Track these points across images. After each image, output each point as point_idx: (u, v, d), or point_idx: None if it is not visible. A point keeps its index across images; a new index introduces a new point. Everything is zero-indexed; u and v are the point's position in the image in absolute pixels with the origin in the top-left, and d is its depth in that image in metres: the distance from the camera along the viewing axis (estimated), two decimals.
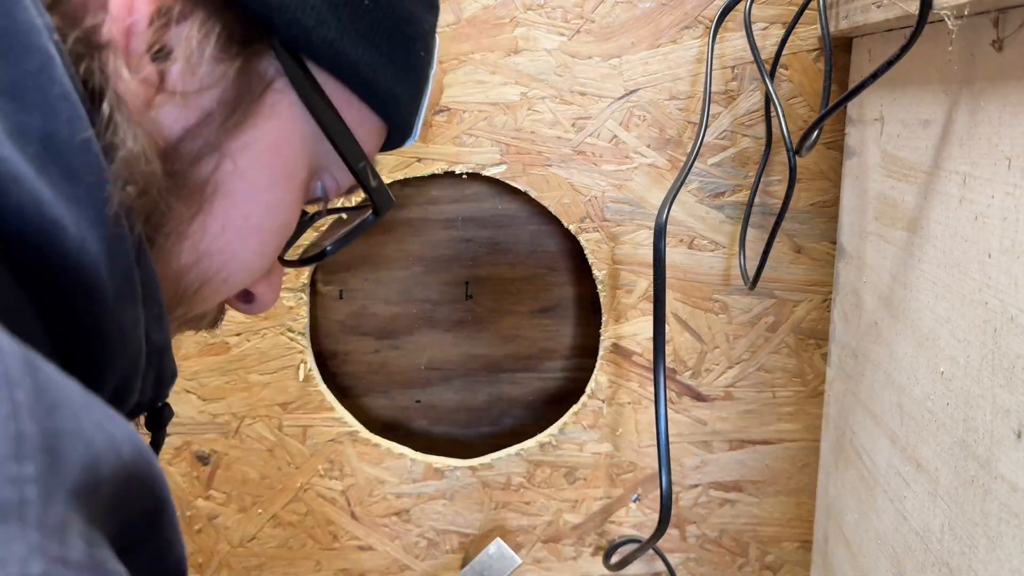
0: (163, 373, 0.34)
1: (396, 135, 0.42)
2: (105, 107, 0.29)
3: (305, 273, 0.72)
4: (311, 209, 0.42)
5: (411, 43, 0.39)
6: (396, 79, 0.39)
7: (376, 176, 0.39)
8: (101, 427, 0.21)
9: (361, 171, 0.38)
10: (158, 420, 0.38)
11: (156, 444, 0.39)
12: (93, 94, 0.29)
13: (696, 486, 0.76)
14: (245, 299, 0.41)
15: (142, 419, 0.37)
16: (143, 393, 0.33)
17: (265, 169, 0.35)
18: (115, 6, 0.30)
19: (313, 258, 0.43)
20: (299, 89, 0.35)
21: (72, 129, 0.26)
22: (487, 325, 0.79)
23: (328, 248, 0.42)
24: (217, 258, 0.35)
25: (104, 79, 0.29)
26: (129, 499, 0.22)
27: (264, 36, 0.33)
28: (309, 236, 0.69)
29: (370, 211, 0.41)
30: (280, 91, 0.34)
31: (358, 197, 0.44)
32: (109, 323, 0.28)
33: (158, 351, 0.32)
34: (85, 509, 0.19)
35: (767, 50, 0.68)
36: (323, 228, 0.69)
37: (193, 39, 0.31)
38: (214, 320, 0.41)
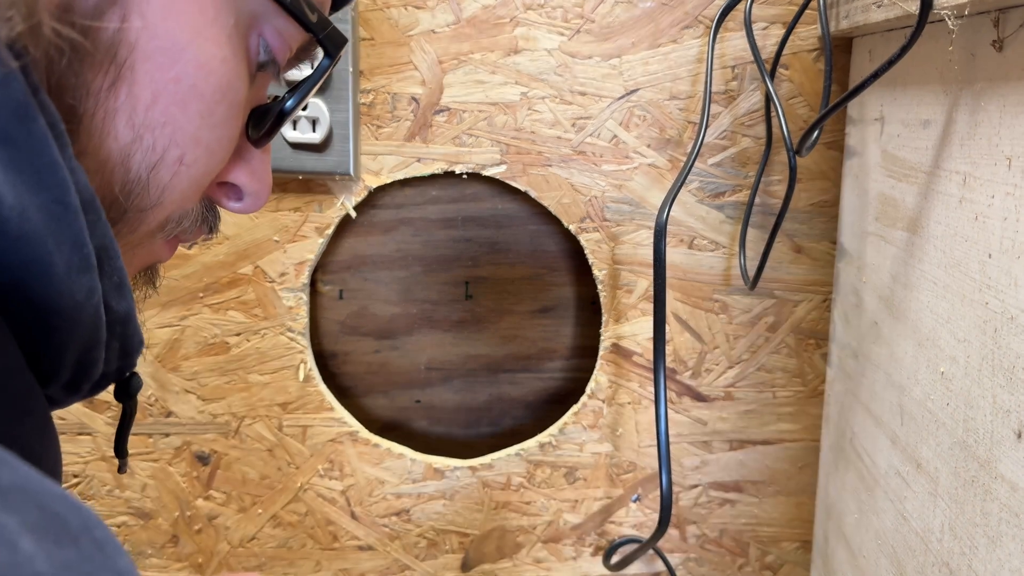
0: (127, 342, 0.32)
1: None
2: None
3: (305, 273, 0.72)
4: (265, 81, 0.38)
5: None
6: None
7: (315, 9, 0.34)
8: (40, 484, 0.20)
9: (293, 4, 0.33)
10: (127, 390, 0.37)
11: (127, 415, 0.38)
12: None
13: (696, 486, 0.76)
14: (234, 196, 0.38)
15: (111, 389, 0.36)
16: (108, 363, 0.32)
17: (180, 21, 0.31)
18: None
19: (276, 121, 0.37)
20: None
21: (4, 92, 0.25)
22: (487, 325, 0.79)
23: (288, 104, 0.36)
24: (159, 131, 0.31)
25: None
26: None
27: None
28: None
29: (326, 58, 0.36)
30: None
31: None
32: (61, 295, 0.27)
33: (121, 320, 0.31)
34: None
35: (767, 50, 0.68)
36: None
37: None
38: (203, 220, 0.37)
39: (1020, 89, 0.41)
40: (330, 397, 0.75)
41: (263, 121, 0.37)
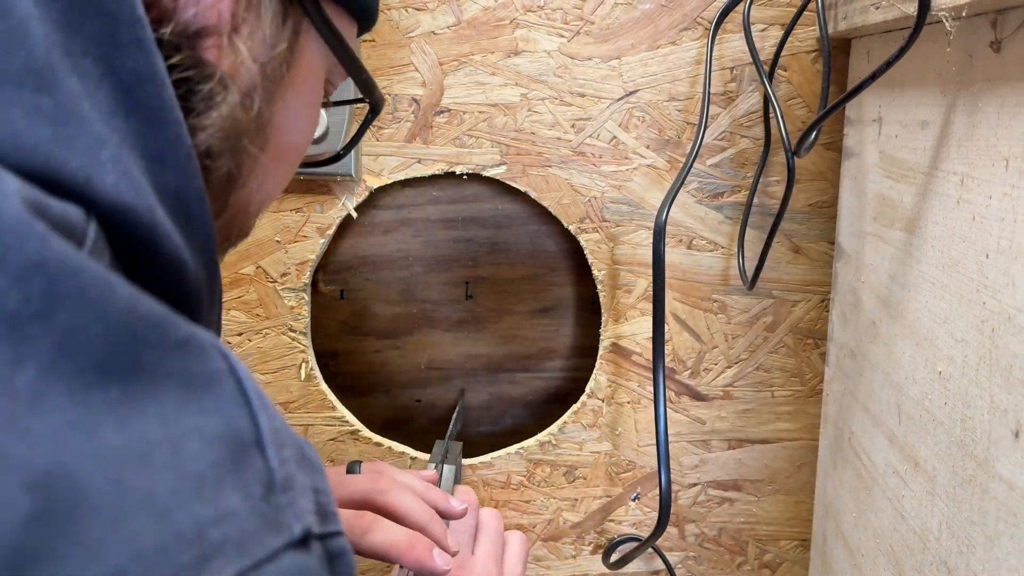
0: None
1: (364, 30, 0.48)
2: (213, 90, 0.34)
3: (306, 273, 0.72)
4: None
5: None
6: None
7: (372, 82, 0.46)
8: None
9: (364, 83, 0.45)
10: None
11: None
12: (193, 81, 0.34)
13: (695, 485, 0.76)
14: None
15: None
16: None
17: (304, 99, 0.41)
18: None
19: (330, 160, 0.52)
20: (320, 30, 0.40)
21: (194, 183, 0.32)
22: (487, 325, 0.79)
23: (341, 151, 0.51)
24: (270, 183, 0.41)
25: (201, 65, 0.34)
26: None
27: None
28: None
29: (371, 113, 0.49)
30: (306, 32, 0.40)
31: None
32: (206, 327, 0.34)
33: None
34: (305, 473, 0.28)
35: (766, 51, 0.68)
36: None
37: (260, 11, 0.37)
38: None
39: (1018, 90, 0.41)
40: (331, 396, 0.75)
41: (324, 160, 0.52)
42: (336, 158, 0.52)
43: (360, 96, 0.47)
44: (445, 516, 0.61)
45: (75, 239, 0.25)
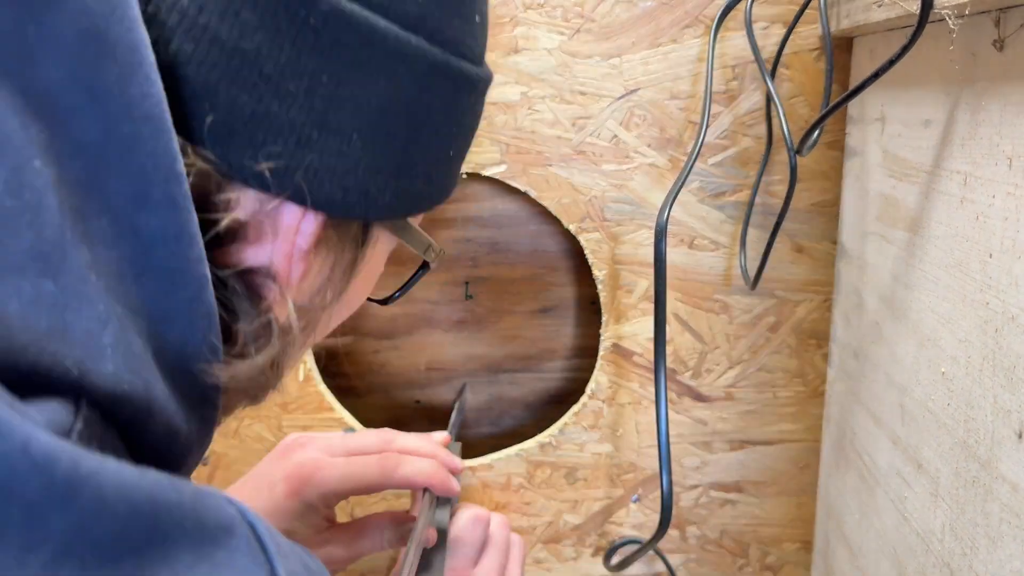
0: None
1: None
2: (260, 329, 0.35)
3: None
4: None
5: (465, 152, 0.46)
6: (452, 182, 0.45)
7: (432, 245, 0.46)
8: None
9: (427, 251, 0.46)
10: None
11: None
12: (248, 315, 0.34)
13: (696, 487, 0.76)
14: None
15: None
16: None
17: (364, 288, 0.43)
18: (275, 257, 0.34)
19: (385, 301, 0.53)
20: (395, 232, 0.41)
21: (204, 339, 0.31)
22: (487, 325, 0.78)
23: (396, 294, 0.54)
24: (303, 350, 0.41)
25: (262, 306, 0.35)
26: None
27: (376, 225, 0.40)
28: None
29: (425, 265, 0.50)
30: (378, 233, 0.40)
31: None
32: (183, 472, 0.33)
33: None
34: None
35: (768, 49, 0.68)
36: None
37: (328, 260, 0.37)
38: None
39: (1021, 89, 0.41)
40: (330, 397, 0.75)
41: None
42: (387, 301, 0.53)
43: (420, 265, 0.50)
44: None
45: (61, 431, 0.24)
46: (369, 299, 0.50)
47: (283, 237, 0.34)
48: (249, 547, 0.25)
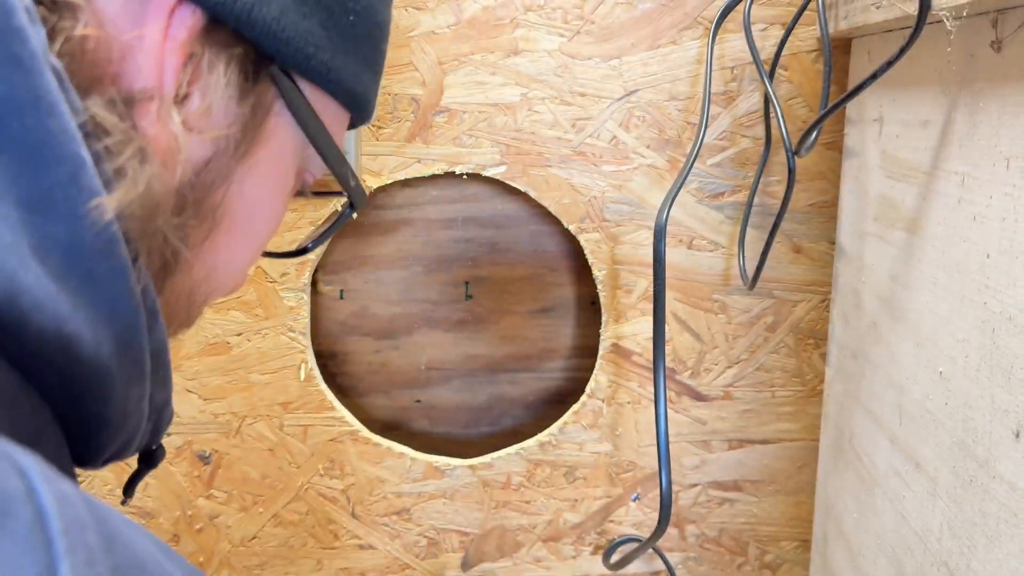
0: (160, 423, 0.36)
1: (359, 121, 0.44)
2: (128, 160, 0.30)
3: (306, 273, 0.72)
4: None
5: (382, 44, 0.42)
6: (371, 80, 0.42)
7: (355, 176, 0.42)
8: (148, 552, 0.23)
9: (343, 174, 0.41)
10: (150, 458, 0.40)
11: (141, 470, 0.40)
12: (116, 149, 0.30)
13: (695, 485, 0.76)
14: None
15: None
16: (140, 442, 0.35)
17: (266, 186, 0.38)
18: (145, 62, 0.31)
19: (294, 253, 0.47)
20: (296, 111, 0.37)
21: (94, 231, 0.27)
22: (487, 325, 0.79)
23: (309, 245, 0.46)
24: (223, 269, 0.38)
25: (131, 132, 0.30)
26: None
27: (267, 67, 0.36)
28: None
29: (348, 208, 0.44)
30: (278, 114, 0.37)
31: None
32: (116, 408, 0.30)
33: (158, 407, 0.34)
34: None
35: (766, 51, 0.68)
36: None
37: (211, 82, 0.33)
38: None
39: (1019, 90, 0.41)
40: (331, 396, 0.75)
41: (286, 252, 0.47)
42: (302, 251, 0.47)
43: (340, 191, 0.43)
44: None
45: None
46: (281, 254, 0.47)
47: (153, 16, 0.31)
48: (28, 533, 0.19)
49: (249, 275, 0.45)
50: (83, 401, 0.29)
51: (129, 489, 0.41)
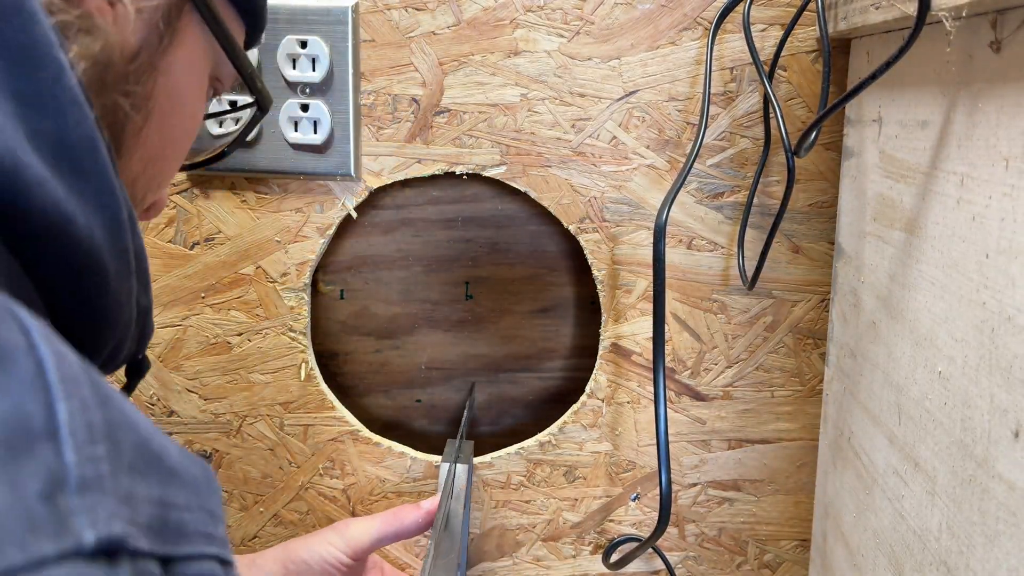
0: (146, 330, 0.38)
1: (252, 41, 0.49)
2: (77, 34, 0.32)
3: (306, 273, 0.72)
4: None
5: None
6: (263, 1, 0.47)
7: (259, 78, 0.47)
8: (142, 418, 0.25)
9: (250, 77, 0.46)
10: (137, 369, 0.42)
11: (128, 389, 0.43)
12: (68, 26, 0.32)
13: (695, 485, 0.76)
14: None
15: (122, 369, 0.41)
16: (128, 350, 0.37)
17: (187, 84, 0.41)
18: None
19: (213, 159, 0.51)
20: (203, 15, 0.41)
21: (80, 130, 0.29)
22: (487, 325, 0.79)
23: (226, 150, 0.51)
24: (158, 163, 0.40)
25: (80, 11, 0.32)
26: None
27: None
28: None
29: (256, 110, 0.49)
30: (188, 14, 0.40)
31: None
32: (110, 299, 0.32)
33: (144, 312, 0.37)
34: (141, 480, 0.24)
35: (766, 51, 0.68)
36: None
37: None
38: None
39: (1018, 90, 0.41)
40: (331, 396, 0.75)
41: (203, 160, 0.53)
42: (220, 156, 0.52)
43: (250, 101, 0.48)
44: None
45: None
46: (200, 162, 0.51)
47: None
48: (28, 377, 0.21)
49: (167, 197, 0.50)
50: (82, 291, 0.30)
51: None
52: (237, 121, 0.67)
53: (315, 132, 0.68)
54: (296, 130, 0.68)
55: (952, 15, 0.44)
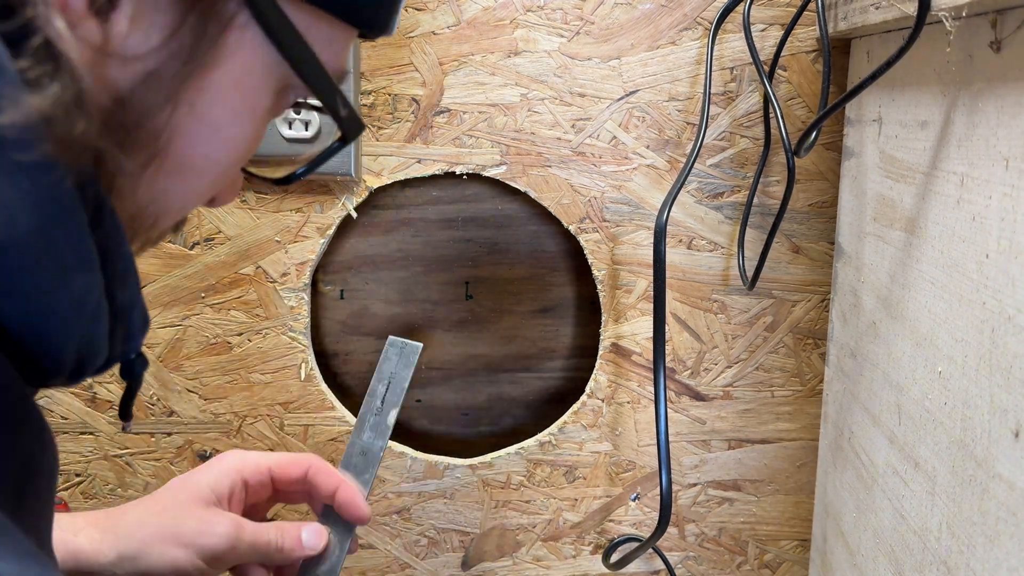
0: (131, 328, 0.34)
1: (373, 34, 0.38)
2: (35, 67, 0.27)
3: (306, 273, 0.72)
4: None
5: None
6: None
7: (347, 105, 0.36)
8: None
9: (331, 103, 0.35)
10: (131, 370, 0.38)
11: (131, 390, 0.40)
12: (35, 55, 0.27)
13: (695, 485, 0.76)
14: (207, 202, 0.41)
15: (116, 369, 0.38)
16: (112, 349, 0.33)
17: (226, 107, 0.33)
18: None
19: (284, 180, 0.42)
20: (264, 23, 0.31)
21: (18, 131, 0.26)
22: (487, 325, 0.79)
23: (299, 171, 0.41)
24: (173, 194, 0.35)
25: (43, 39, 0.28)
26: None
27: None
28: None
29: (340, 141, 0.39)
30: (242, 27, 0.32)
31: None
32: (55, 294, 0.29)
33: (125, 308, 0.33)
34: None
35: (766, 51, 0.68)
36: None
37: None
38: (176, 227, 0.40)
39: (1018, 90, 0.41)
40: (331, 396, 0.75)
41: (276, 179, 0.42)
42: (288, 180, 0.42)
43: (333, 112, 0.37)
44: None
45: None
46: (268, 179, 0.42)
47: None
48: None
49: (239, 192, 0.42)
50: (6, 281, 0.28)
51: (125, 412, 0.41)
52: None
53: (310, 131, 0.68)
54: (291, 128, 0.68)
55: (952, 15, 0.44)
